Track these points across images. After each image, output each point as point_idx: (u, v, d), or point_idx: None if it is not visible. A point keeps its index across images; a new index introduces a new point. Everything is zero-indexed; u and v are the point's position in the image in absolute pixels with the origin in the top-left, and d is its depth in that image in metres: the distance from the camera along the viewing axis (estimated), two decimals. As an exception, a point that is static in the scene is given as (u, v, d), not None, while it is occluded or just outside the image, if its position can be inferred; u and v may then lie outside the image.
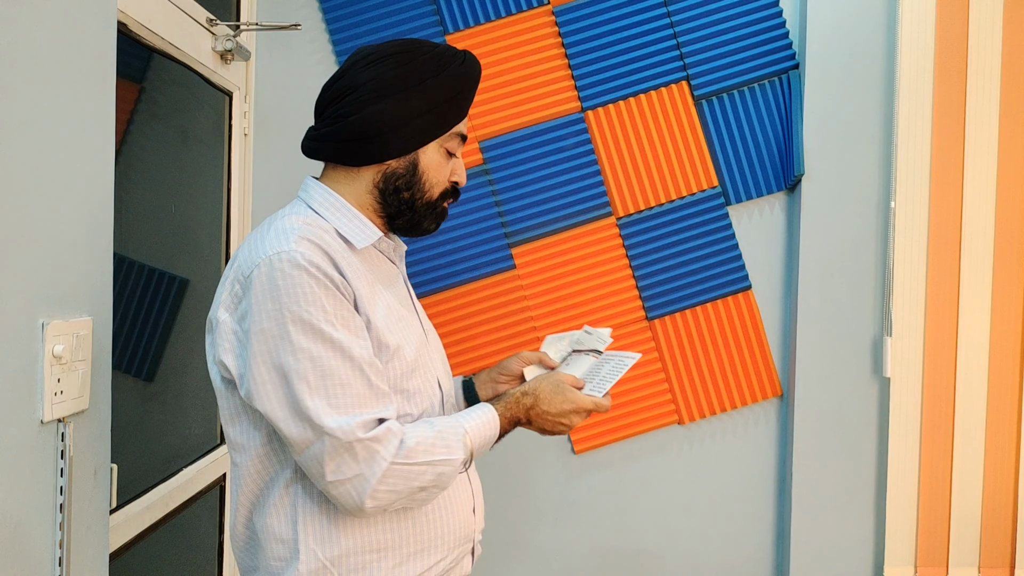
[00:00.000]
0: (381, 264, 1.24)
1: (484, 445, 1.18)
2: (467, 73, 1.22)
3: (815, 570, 2.05)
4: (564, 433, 1.27)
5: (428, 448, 1.09)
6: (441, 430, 1.13)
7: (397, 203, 1.20)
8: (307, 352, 1.04)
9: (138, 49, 1.60)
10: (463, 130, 1.25)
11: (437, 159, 1.22)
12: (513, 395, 1.24)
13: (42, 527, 1.01)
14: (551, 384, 1.26)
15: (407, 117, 1.17)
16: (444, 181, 1.24)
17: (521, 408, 1.23)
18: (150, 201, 1.69)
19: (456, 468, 1.13)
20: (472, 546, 1.26)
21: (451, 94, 1.20)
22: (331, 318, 1.05)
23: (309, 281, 1.05)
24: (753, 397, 2.11)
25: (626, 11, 2.09)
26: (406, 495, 1.08)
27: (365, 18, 2.10)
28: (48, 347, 1.00)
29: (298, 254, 1.06)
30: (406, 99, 1.17)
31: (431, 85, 1.18)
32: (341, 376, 1.05)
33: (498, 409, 1.21)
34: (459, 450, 1.13)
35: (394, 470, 1.05)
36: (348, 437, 1.03)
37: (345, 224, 1.17)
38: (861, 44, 2.03)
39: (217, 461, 1.97)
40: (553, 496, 2.15)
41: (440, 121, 1.20)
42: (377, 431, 1.05)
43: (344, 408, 1.04)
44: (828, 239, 2.04)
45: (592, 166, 2.10)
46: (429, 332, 1.30)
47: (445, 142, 1.22)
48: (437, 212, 1.25)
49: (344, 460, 1.04)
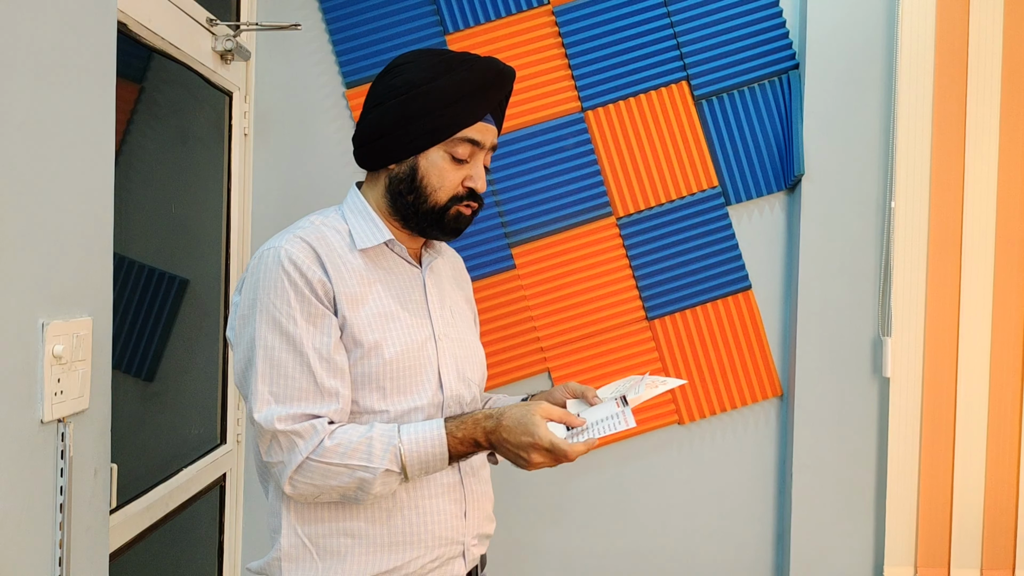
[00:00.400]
0: (394, 265, 1.26)
1: (427, 460, 1.13)
2: (472, 78, 1.21)
3: (815, 570, 2.05)
4: (526, 468, 1.13)
5: (346, 452, 1.12)
6: (373, 437, 1.13)
7: (404, 206, 1.24)
8: (264, 341, 1.13)
9: (138, 49, 1.60)
10: (473, 135, 1.22)
11: (440, 164, 1.22)
12: (475, 415, 1.17)
13: (42, 527, 1.01)
14: (521, 412, 1.13)
15: (403, 122, 1.20)
16: (450, 186, 1.22)
17: (480, 430, 1.14)
18: (150, 201, 1.69)
19: (380, 477, 1.12)
20: (463, 550, 1.26)
21: (452, 98, 1.20)
22: (294, 314, 1.13)
23: (283, 278, 1.14)
24: (753, 397, 2.11)
25: (626, 11, 2.09)
26: (327, 491, 1.14)
27: (365, 18, 2.10)
28: (48, 347, 1.00)
29: (283, 252, 1.15)
30: (403, 104, 1.20)
31: (426, 90, 1.19)
32: (287, 369, 1.13)
33: (450, 426, 1.15)
34: (382, 460, 1.11)
35: (310, 465, 1.12)
36: (268, 427, 1.12)
37: (357, 225, 1.24)
38: (861, 44, 2.03)
39: (217, 461, 1.97)
40: (553, 496, 2.15)
41: (438, 125, 1.20)
42: (300, 425, 1.12)
43: (283, 398, 1.13)
44: (828, 239, 2.04)
45: (592, 166, 2.10)
46: (446, 337, 1.28)
47: (450, 147, 1.21)
48: (445, 219, 1.23)
49: (271, 445, 1.13)
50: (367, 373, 1.18)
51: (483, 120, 1.23)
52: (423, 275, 1.29)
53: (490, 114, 1.25)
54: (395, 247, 1.26)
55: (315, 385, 1.14)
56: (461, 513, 1.25)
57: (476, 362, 1.34)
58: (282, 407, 1.12)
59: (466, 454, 1.16)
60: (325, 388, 1.14)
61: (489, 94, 1.23)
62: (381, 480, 1.13)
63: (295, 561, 1.19)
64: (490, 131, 1.25)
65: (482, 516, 1.30)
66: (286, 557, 1.19)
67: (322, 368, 1.14)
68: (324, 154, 2.13)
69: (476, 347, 1.35)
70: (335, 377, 1.15)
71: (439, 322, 1.28)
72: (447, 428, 1.15)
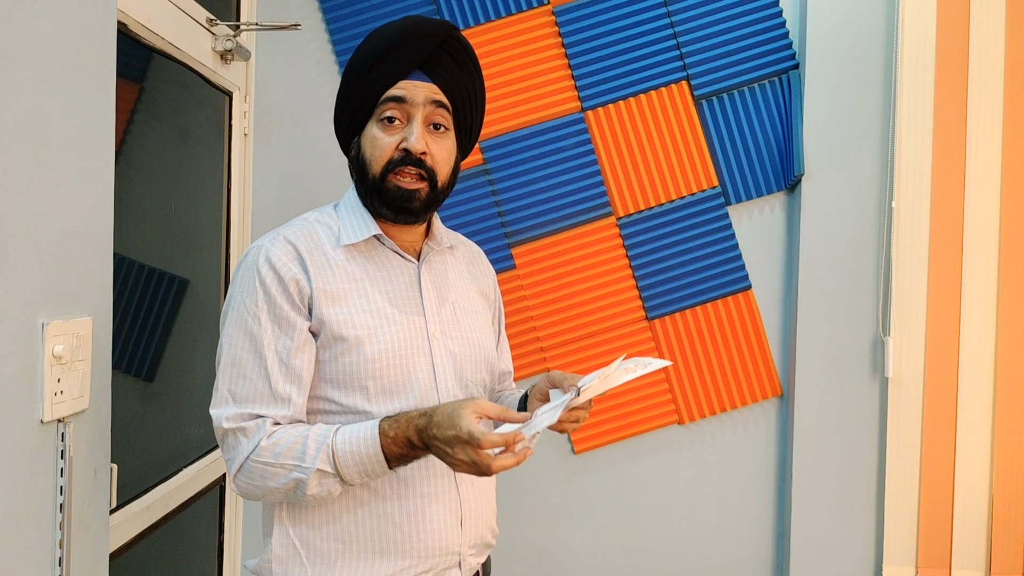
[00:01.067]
0: (385, 260, 1.21)
1: (362, 462, 1.08)
2: (379, 42, 1.17)
3: (815, 570, 2.05)
4: (459, 470, 1.04)
5: (281, 452, 1.09)
6: (309, 436, 1.10)
7: (362, 193, 1.22)
8: (230, 339, 1.14)
9: (138, 49, 1.60)
10: (393, 92, 1.16)
11: (371, 133, 1.18)
12: (410, 414, 1.09)
13: (42, 527, 1.01)
14: (452, 406, 1.05)
15: (340, 109, 1.22)
16: (383, 154, 1.17)
17: (412, 428, 1.07)
18: (150, 201, 1.69)
19: (314, 478, 1.08)
20: (459, 560, 1.20)
21: (367, 67, 1.17)
22: (260, 315, 1.13)
23: (256, 278, 1.14)
24: (753, 397, 2.11)
25: (626, 11, 2.09)
26: (268, 492, 1.12)
27: (365, 18, 2.10)
28: (48, 347, 1.00)
29: (263, 252, 1.15)
30: (340, 92, 1.22)
31: (348, 69, 1.20)
32: (247, 369, 1.13)
33: (383, 425, 1.09)
34: (314, 460, 1.08)
35: (249, 465, 1.11)
36: (217, 424, 1.13)
37: (347, 221, 1.22)
38: (861, 44, 2.03)
39: (217, 461, 1.97)
40: (553, 496, 2.15)
41: (362, 97, 1.18)
42: (246, 424, 1.12)
43: (239, 396, 1.13)
44: (828, 239, 2.04)
45: (592, 166, 2.10)
46: (443, 335, 1.22)
47: (379, 114, 1.17)
48: (386, 193, 1.17)
49: (223, 442, 1.14)
50: (348, 371, 1.14)
51: (410, 79, 1.17)
52: (419, 270, 1.23)
53: (423, 72, 1.17)
54: (386, 241, 1.21)
55: (269, 388, 1.12)
56: (456, 523, 1.19)
57: (480, 361, 1.26)
58: (235, 406, 1.12)
59: (403, 456, 1.09)
60: (278, 393, 1.12)
61: (402, 51, 1.16)
62: (316, 480, 1.08)
63: (285, 564, 1.17)
64: (420, 87, 1.17)
65: (481, 526, 1.23)
66: (276, 559, 1.17)
67: (279, 372, 1.13)
68: (324, 154, 2.13)
69: (482, 346, 1.27)
70: (291, 383, 1.13)
71: (435, 320, 1.21)
72: (380, 428, 1.08)
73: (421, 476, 1.17)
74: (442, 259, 1.29)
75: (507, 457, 1.02)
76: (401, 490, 1.16)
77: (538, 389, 1.27)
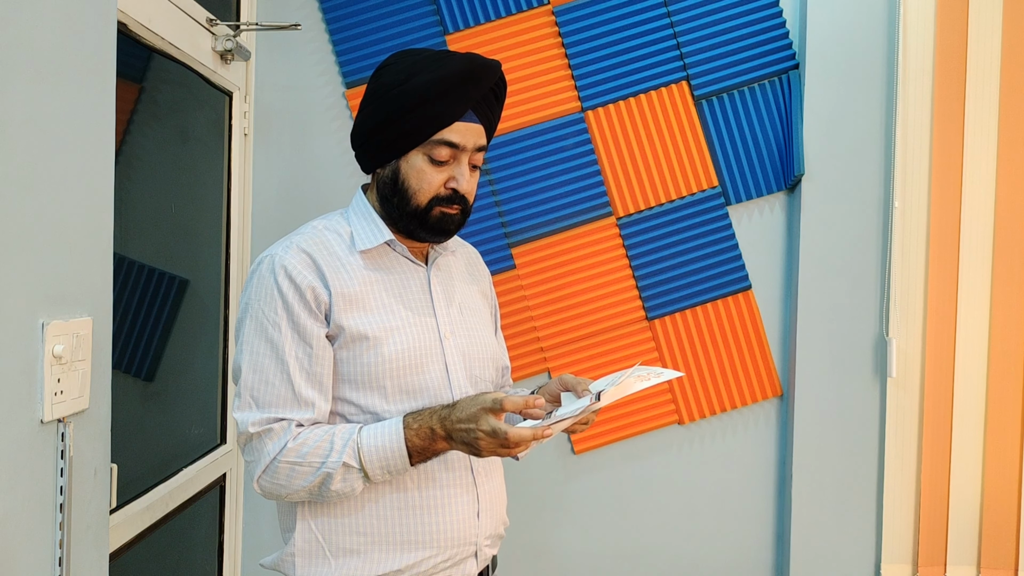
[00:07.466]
0: (396, 265, 1.26)
1: (386, 456, 1.13)
2: (444, 76, 1.17)
3: (815, 570, 2.05)
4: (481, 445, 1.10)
5: (308, 450, 1.14)
6: (335, 434, 1.15)
7: (391, 209, 1.25)
8: (251, 346, 1.18)
9: (138, 49, 1.60)
10: (450, 138, 1.19)
11: (419, 166, 1.21)
12: (433, 407, 1.18)
13: (42, 527, 1.01)
14: (474, 397, 1.14)
15: (381, 126, 1.21)
16: (431, 188, 1.20)
17: (436, 418, 1.14)
18: (150, 201, 1.69)
19: (340, 472, 1.13)
20: (475, 550, 1.26)
21: (424, 99, 1.17)
22: (280, 322, 1.17)
23: (274, 287, 1.17)
24: (753, 397, 2.11)
25: (626, 11, 2.09)
26: (293, 491, 1.16)
27: (365, 18, 2.10)
28: (48, 347, 1.00)
29: (277, 260, 1.18)
30: (380, 107, 1.21)
31: (399, 92, 1.18)
32: (269, 375, 1.17)
33: (407, 419, 1.15)
34: (340, 454, 1.13)
35: (276, 464, 1.15)
36: (242, 429, 1.16)
37: (359, 227, 1.26)
38: (861, 44, 2.03)
39: (217, 461, 1.97)
40: (553, 496, 2.15)
41: (413, 127, 1.18)
42: (272, 426, 1.16)
43: (262, 402, 1.16)
44: (828, 239, 2.04)
45: (592, 166, 2.10)
46: (453, 335, 1.27)
47: (428, 149, 1.20)
48: (428, 221, 1.22)
49: (247, 445, 1.18)
50: (367, 371, 1.19)
51: (463, 120, 1.19)
52: (428, 273, 1.29)
53: (474, 112, 1.21)
54: (397, 247, 1.26)
55: (293, 393, 1.16)
56: (475, 513, 1.24)
57: (488, 359, 1.32)
58: (259, 411, 1.16)
59: (424, 449, 1.14)
60: (302, 397, 1.17)
61: (463, 91, 1.18)
62: (340, 475, 1.13)
63: (308, 557, 1.20)
64: (472, 130, 1.21)
65: (496, 517, 1.30)
66: (300, 553, 1.20)
67: (301, 377, 1.17)
68: (324, 154, 2.13)
69: (488, 344, 1.33)
70: (313, 387, 1.17)
71: (445, 320, 1.26)
72: (404, 421, 1.15)
73: (440, 467, 1.22)
74: (447, 262, 1.34)
75: (525, 430, 1.08)
76: (422, 480, 1.21)
77: (547, 390, 1.31)
